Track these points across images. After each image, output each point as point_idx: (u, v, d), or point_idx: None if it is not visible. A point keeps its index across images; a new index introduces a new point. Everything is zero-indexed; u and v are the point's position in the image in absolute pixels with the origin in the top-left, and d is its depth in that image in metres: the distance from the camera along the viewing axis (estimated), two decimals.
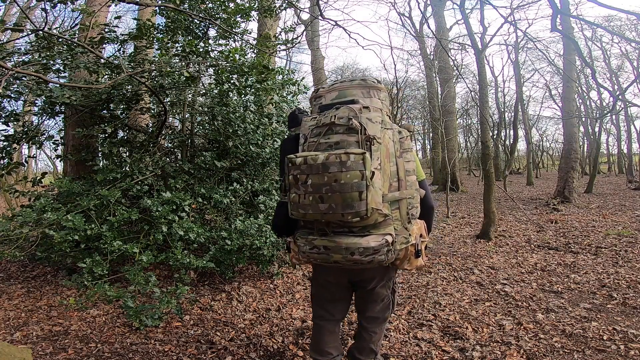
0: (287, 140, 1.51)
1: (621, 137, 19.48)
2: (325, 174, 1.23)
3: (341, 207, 1.24)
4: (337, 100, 1.46)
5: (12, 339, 2.31)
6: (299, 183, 1.28)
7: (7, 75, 1.97)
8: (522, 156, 26.47)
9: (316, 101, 1.52)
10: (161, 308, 2.50)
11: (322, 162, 1.24)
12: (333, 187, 1.23)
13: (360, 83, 1.48)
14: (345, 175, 1.22)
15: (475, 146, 23.36)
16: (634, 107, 17.89)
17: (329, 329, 1.71)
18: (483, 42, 9.41)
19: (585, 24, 12.04)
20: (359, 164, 1.23)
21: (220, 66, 3.56)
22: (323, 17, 3.94)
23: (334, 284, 1.66)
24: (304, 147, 1.39)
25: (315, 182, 1.25)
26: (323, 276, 1.67)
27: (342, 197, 1.23)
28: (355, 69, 20.35)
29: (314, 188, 1.25)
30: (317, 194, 1.25)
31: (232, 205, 3.32)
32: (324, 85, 1.54)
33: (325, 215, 1.27)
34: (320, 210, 1.26)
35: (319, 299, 1.73)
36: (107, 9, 4.29)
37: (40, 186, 3.57)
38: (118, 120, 3.60)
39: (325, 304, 1.71)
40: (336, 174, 1.22)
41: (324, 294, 1.71)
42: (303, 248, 1.40)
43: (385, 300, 1.70)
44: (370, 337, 1.73)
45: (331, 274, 1.63)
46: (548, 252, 4.40)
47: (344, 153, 1.23)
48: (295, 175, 1.28)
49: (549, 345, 2.20)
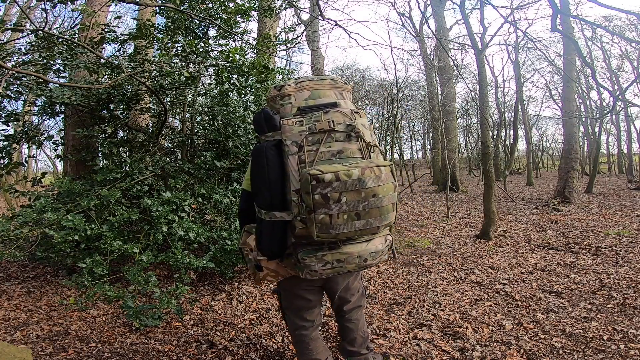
0: (267, 148, 1.23)
1: (621, 137, 19.48)
2: (362, 190, 1.15)
3: (378, 221, 1.19)
4: (318, 102, 1.31)
5: (12, 339, 2.31)
6: (330, 202, 1.13)
7: (7, 75, 1.98)
8: (522, 156, 26.46)
9: (284, 100, 1.32)
10: (161, 308, 2.50)
11: (357, 177, 1.14)
12: (371, 203, 1.17)
13: (332, 83, 1.38)
14: (382, 189, 1.18)
15: (475, 146, 23.36)
16: (634, 107, 17.90)
17: (311, 337, 1.66)
18: (483, 42, 9.41)
19: (585, 24, 12.06)
20: (390, 176, 1.21)
21: (220, 66, 3.56)
22: (323, 17, 3.94)
23: (310, 290, 1.59)
24: (300, 156, 1.22)
25: (351, 199, 1.14)
26: (301, 286, 1.57)
27: (380, 211, 1.18)
28: (355, 69, 20.36)
29: (350, 206, 1.15)
30: (352, 211, 1.16)
31: (232, 205, 3.32)
32: (288, 82, 1.35)
33: (359, 232, 1.20)
34: (355, 228, 1.18)
35: (295, 310, 1.64)
36: (107, 9, 4.29)
37: (40, 186, 3.57)
38: (118, 120, 3.60)
39: (303, 313, 1.63)
40: (374, 188, 1.16)
41: (300, 304, 1.62)
42: (314, 267, 1.26)
43: (360, 289, 1.76)
44: (356, 325, 1.73)
45: (315, 281, 1.55)
46: (548, 252, 4.40)
47: (376, 166, 1.18)
48: (324, 194, 1.12)
49: (549, 345, 2.20)
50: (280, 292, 1.71)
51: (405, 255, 4.43)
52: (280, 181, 1.23)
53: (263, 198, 1.23)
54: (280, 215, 1.23)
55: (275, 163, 1.22)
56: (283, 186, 1.24)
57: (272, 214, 1.23)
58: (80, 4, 4.06)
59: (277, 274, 1.44)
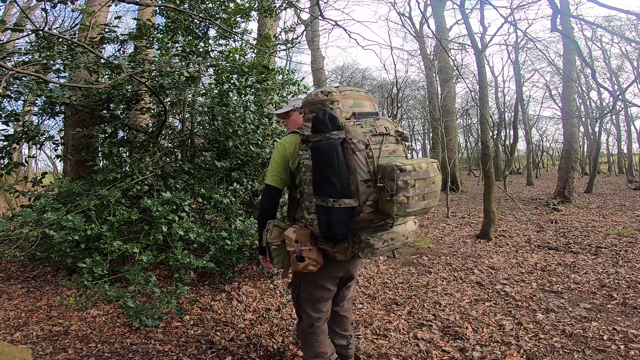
0: (337, 144, 1.41)
1: (621, 137, 19.47)
2: (427, 178, 1.47)
3: (433, 202, 1.52)
4: (363, 110, 1.54)
5: (12, 339, 2.31)
6: (409, 187, 1.41)
7: (7, 75, 1.98)
8: (522, 156, 26.46)
9: (333, 105, 1.50)
10: (161, 308, 2.50)
11: (425, 169, 1.46)
12: (432, 188, 1.50)
13: (366, 95, 1.61)
14: (437, 178, 1.53)
15: (475, 146, 23.36)
16: (634, 107, 17.91)
17: (322, 329, 1.75)
18: (483, 42, 9.41)
19: (585, 24, 12.05)
20: (438, 170, 1.55)
21: (220, 66, 3.56)
22: (323, 17, 3.94)
23: (332, 280, 1.71)
24: (368, 153, 1.44)
25: (420, 185, 1.45)
26: (324, 275, 1.67)
27: (435, 194, 1.52)
28: (355, 69, 20.33)
29: (420, 190, 1.45)
30: (421, 194, 1.46)
31: (232, 205, 3.32)
32: (333, 89, 1.54)
33: (423, 210, 1.50)
34: (421, 207, 1.47)
35: (314, 302, 1.72)
36: (107, 9, 4.29)
37: (40, 186, 3.57)
38: (118, 120, 3.60)
39: (321, 305, 1.73)
40: (433, 177, 1.50)
41: (320, 294, 1.71)
42: (376, 245, 1.47)
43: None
44: (350, 315, 1.97)
45: (340, 268, 1.70)
46: (548, 252, 4.40)
47: (432, 162, 1.54)
48: (405, 180, 1.39)
49: (549, 345, 2.20)
50: (300, 284, 1.74)
51: (405, 255, 4.43)
52: (346, 173, 1.42)
53: (333, 188, 1.40)
54: (349, 202, 1.41)
55: (343, 157, 1.41)
56: (348, 177, 1.43)
57: (342, 201, 1.40)
58: (80, 4, 4.05)
59: (317, 263, 1.55)
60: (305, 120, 1.56)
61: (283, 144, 1.63)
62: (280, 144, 1.65)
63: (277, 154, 1.62)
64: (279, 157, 1.61)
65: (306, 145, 1.47)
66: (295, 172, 1.61)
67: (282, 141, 1.65)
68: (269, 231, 1.61)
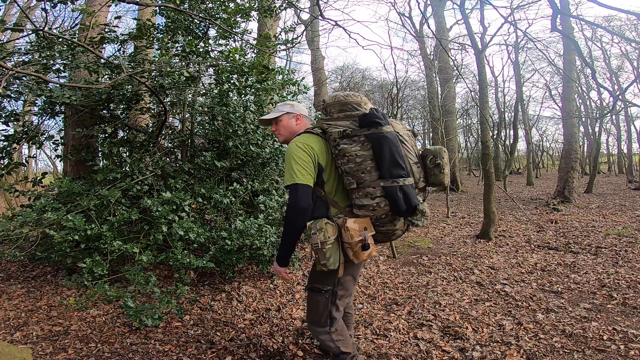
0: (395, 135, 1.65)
1: (621, 137, 19.49)
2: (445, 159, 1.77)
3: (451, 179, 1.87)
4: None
5: (12, 339, 2.31)
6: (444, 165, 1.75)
7: (7, 75, 1.98)
8: (522, 156, 26.46)
9: (367, 105, 1.68)
10: (161, 308, 2.50)
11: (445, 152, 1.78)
12: (449, 167, 1.80)
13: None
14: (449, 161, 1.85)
15: (475, 146, 23.36)
16: (634, 107, 17.90)
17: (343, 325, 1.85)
18: (483, 42, 9.42)
19: (585, 24, 12.06)
20: None
21: (220, 66, 3.56)
22: (323, 17, 3.94)
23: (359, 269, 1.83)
24: (407, 145, 1.70)
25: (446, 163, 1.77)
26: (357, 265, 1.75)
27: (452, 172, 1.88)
28: (355, 69, 20.33)
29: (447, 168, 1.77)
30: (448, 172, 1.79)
31: (232, 205, 3.32)
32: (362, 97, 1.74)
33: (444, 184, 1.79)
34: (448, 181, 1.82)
35: (345, 296, 1.79)
36: (107, 9, 4.29)
37: (40, 186, 3.57)
38: (118, 120, 3.60)
39: (347, 298, 1.81)
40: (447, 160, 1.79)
41: (352, 286, 1.81)
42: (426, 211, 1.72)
43: None
44: (353, 312, 2.06)
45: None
46: (548, 252, 4.40)
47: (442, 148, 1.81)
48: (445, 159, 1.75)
49: (549, 345, 2.20)
50: (338, 281, 1.71)
51: (405, 255, 4.43)
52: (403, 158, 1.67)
53: (403, 169, 1.61)
54: (410, 180, 1.63)
55: (398, 145, 1.63)
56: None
57: (408, 179, 1.61)
58: (80, 4, 4.05)
59: (374, 248, 1.65)
60: (334, 120, 1.65)
61: (306, 143, 1.61)
62: (302, 144, 1.61)
63: (304, 154, 1.58)
64: (307, 156, 1.58)
65: (352, 139, 1.59)
66: (326, 168, 1.64)
67: (303, 141, 1.63)
68: (321, 230, 1.54)
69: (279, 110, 1.84)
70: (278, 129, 1.84)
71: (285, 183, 1.60)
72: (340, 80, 18.25)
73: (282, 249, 1.65)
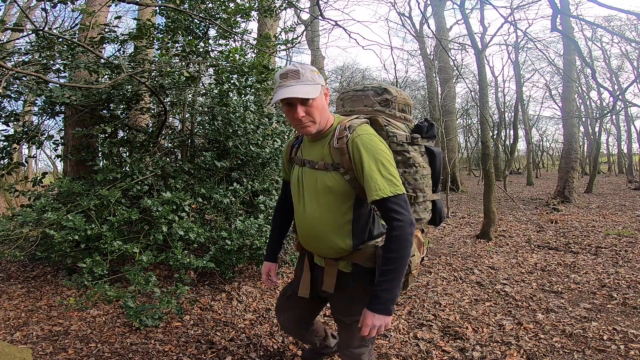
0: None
1: (621, 137, 19.49)
2: None
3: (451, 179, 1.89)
4: None
5: (12, 339, 2.31)
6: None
7: (7, 75, 1.98)
8: (522, 156, 26.46)
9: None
10: (161, 308, 2.50)
11: None
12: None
13: None
14: None
15: (475, 146, 23.36)
16: (634, 107, 17.90)
17: None
18: (483, 42, 9.42)
19: (585, 24, 12.05)
20: None
21: (220, 66, 3.56)
22: (323, 17, 3.95)
23: None
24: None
25: None
26: None
27: None
28: (355, 69, 20.32)
29: None
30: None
31: (232, 205, 3.32)
32: None
33: None
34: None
35: None
36: (107, 9, 4.28)
37: (40, 186, 3.57)
38: (118, 120, 3.59)
39: None
40: None
41: None
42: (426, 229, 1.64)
43: None
44: None
45: None
46: (548, 252, 4.40)
47: None
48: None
49: (549, 345, 2.20)
50: None
51: None
52: None
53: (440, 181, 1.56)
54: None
55: None
56: None
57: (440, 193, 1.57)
58: (80, 4, 4.05)
59: None
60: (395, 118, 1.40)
61: (377, 139, 1.23)
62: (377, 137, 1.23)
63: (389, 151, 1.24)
64: (390, 154, 1.23)
65: (414, 146, 1.38)
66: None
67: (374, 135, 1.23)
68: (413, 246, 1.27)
69: (313, 81, 1.19)
70: (311, 112, 1.20)
71: (385, 193, 1.12)
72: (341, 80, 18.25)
73: (396, 287, 1.15)
